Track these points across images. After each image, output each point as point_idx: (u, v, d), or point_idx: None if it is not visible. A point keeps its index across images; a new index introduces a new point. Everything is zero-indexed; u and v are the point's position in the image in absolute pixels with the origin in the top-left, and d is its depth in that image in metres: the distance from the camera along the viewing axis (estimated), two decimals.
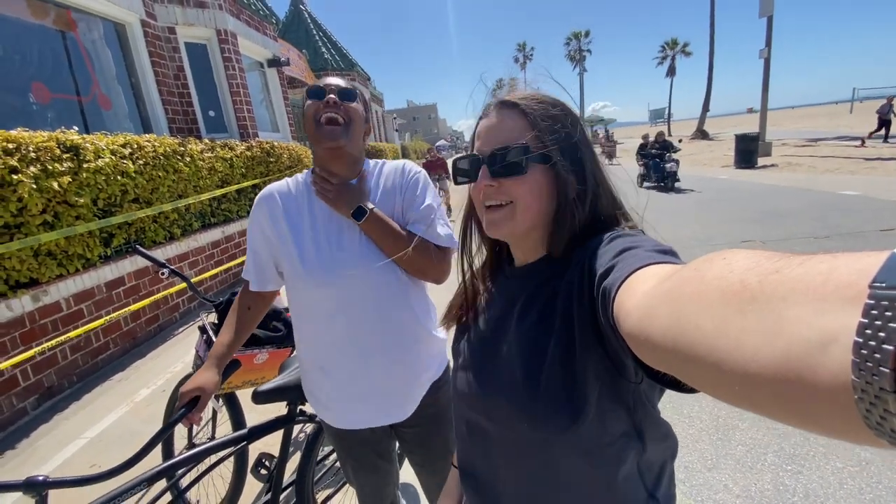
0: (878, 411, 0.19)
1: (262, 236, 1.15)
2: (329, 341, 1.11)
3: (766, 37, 14.11)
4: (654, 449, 0.63)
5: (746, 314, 0.26)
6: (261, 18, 8.06)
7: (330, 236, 1.10)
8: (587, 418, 0.56)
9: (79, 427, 2.90)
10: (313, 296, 1.09)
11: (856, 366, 0.20)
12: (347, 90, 1.10)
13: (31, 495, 0.92)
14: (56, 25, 4.78)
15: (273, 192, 1.15)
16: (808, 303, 0.23)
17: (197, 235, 5.23)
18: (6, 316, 3.02)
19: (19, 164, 3.06)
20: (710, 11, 28.31)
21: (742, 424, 2.21)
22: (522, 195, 0.63)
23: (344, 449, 1.27)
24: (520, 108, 0.64)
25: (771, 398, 0.25)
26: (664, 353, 0.35)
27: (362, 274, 1.06)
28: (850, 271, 0.22)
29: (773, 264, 0.27)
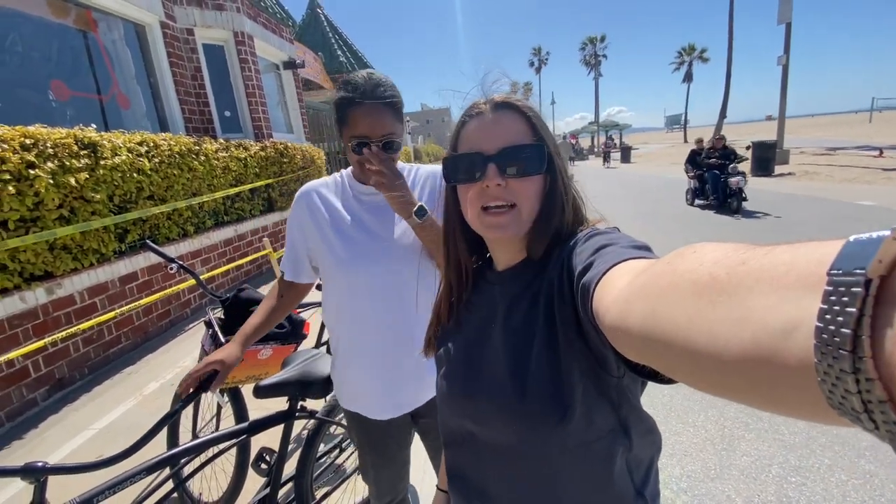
0: (839, 391, 0.20)
1: (300, 230, 1.20)
2: (353, 329, 1.17)
3: (785, 43, 13.92)
4: (640, 444, 0.63)
5: (716, 305, 0.28)
6: (278, 21, 8.17)
7: (366, 230, 1.15)
8: (575, 415, 0.56)
9: (87, 418, 2.96)
10: (347, 286, 1.14)
11: (817, 349, 0.21)
12: (392, 144, 1.08)
13: (30, 481, 0.93)
14: (77, 25, 4.90)
15: (312, 188, 1.21)
16: (772, 292, 0.24)
17: (210, 233, 5.30)
18: (20, 307, 3.09)
19: (37, 160, 3.14)
20: (728, 17, 28.01)
21: (748, 435, 2.18)
22: (528, 196, 0.64)
23: (367, 441, 1.29)
24: (519, 110, 0.65)
25: (743, 384, 0.26)
26: (642, 346, 0.35)
27: (392, 266, 1.12)
28: (810, 260, 0.23)
29: (740, 256, 0.28)
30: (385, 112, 1.06)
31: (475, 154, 0.65)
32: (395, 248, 1.13)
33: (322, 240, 1.16)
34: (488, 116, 0.65)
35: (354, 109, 1.05)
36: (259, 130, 7.10)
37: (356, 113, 1.05)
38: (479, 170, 0.64)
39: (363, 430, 1.27)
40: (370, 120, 1.05)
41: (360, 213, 1.18)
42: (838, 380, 0.20)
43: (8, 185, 2.91)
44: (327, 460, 1.86)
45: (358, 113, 1.05)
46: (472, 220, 0.68)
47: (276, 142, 7.04)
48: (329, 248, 1.15)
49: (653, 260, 0.43)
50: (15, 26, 4.22)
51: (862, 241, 0.21)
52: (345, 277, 1.14)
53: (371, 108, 1.05)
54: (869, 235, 0.21)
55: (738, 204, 7.92)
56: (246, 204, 6.14)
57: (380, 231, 1.15)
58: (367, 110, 1.05)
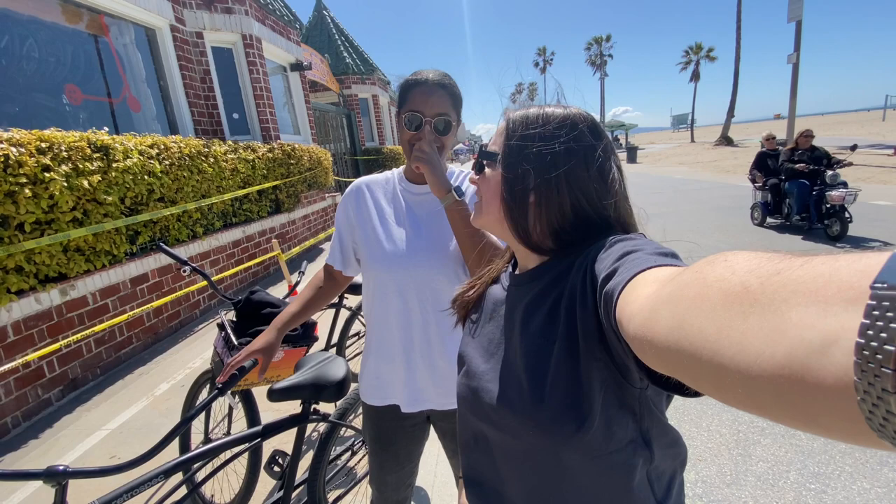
0: (880, 413, 0.19)
1: (347, 222, 1.25)
2: (387, 322, 1.19)
3: (795, 41, 13.78)
4: (662, 456, 0.62)
5: (748, 317, 0.27)
6: (285, 24, 8.22)
7: (411, 226, 1.18)
8: (593, 425, 0.55)
9: (100, 419, 2.99)
10: (385, 282, 1.17)
11: (858, 367, 0.20)
12: (446, 122, 1.12)
13: (52, 484, 0.95)
14: (89, 30, 4.96)
15: (364, 182, 1.26)
16: (809, 305, 0.23)
17: (219, 235, 5.34)
18: (35, 308, 3.13)
19: (52, 163, 3.17)
20: (736, 16, 27.78)
21: (764, 440, 2.15)
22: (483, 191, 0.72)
23: (379, 438, 1.29)
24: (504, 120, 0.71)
25: (774, 400, 0.25)
26: (667, 357, 0.35)
27: (435, 263, 1.14)
28: (852, 272, 0.22)
29: (775, 266, 0.27)
30: (443, 94, 1.11)
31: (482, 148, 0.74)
32: (433, 247, 1.15)
33: (365, 235, 1.20)
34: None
35: (414, 89, 1.11)
36: (267, 132, 7.15)
37: (415, 91, 1.10)
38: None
39: (377, 427, 1.28)
40: (427, 98, 1.09)
41: (407, 211, 1.20)
42: (880, 399, 0.19)
43: (24, 188, 2.95)
44: (340, 463, 1.86)
45: (416, 91, 1.10)
46: None
47: (283, 143, 7.08)
48: (371, 244, 1.18)
49: (681, 268, 0.42)
50: (31, 32, 4.28)
51: None
52: (384, 273, 1.16)
53: (430, 87, 1.10)
54: None
55: (841, 228, 5.58)
56: (254, 205, 6.18)
57: (421, 229, 1.18)
58: (425, 89, 1.10)
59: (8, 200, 2.89)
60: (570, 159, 0.65)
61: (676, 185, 12.38)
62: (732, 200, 8.86)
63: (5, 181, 2.85)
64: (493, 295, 0.78)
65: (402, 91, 1.13)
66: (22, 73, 4.17)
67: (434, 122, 1.10)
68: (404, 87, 1.13)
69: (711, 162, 18.00)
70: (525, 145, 0.65)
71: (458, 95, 1.15)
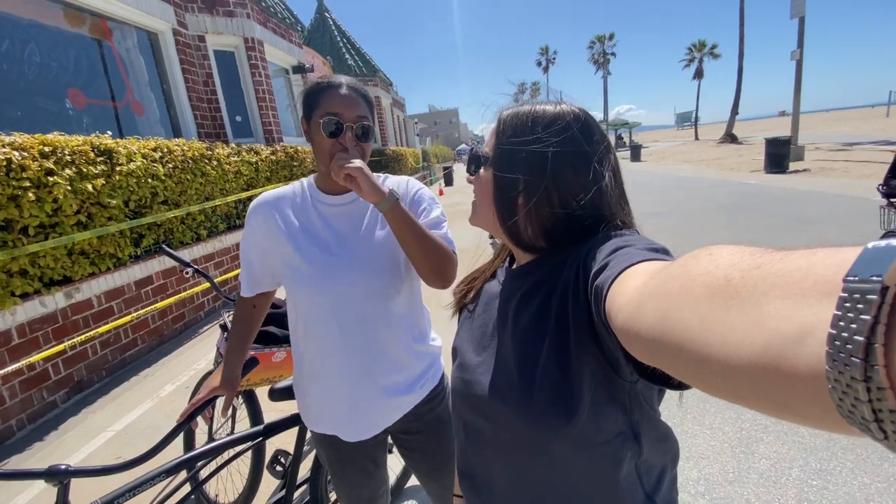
0: (849, 400, 0.20)
1: (257, 246, 1.13)
2: (321, 348, 1.10)
3: (798, 38, 13.70)
4: (651, 451, 0.63)
5: (730, 309, 0.27)
6: (287, 26, 8.25)
7: (334, 242, 1.08)
8: (581, 417, 0.56)
9: (105, 420, 3.01)
10: (311, 304, 1.08)
11: (829, 356, 0.21)
12: (367, 128, 1.05)
13: (53, 483, 0.96)
14: (92, 34, 5.00)
15: (268, 200, 1.13)
16: (787, 297, 0.24)
17: (222, 237, 5.37)
18: (40, 312, 3.16)
19: (55, 167, 3.20)
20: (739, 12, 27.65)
21: (767, 437, 2.14)
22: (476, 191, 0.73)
23: (338, 460, 1.21)
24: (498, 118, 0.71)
25: (752, 390, 0.26)
26: (652, 348, 0.35)
27: (361, 282, 1.06)
28: (827, 266, 0.23)
29: (756, 259, 0.28)
30: (359, 98, 1.04)
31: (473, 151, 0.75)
32: (362, 262, 1.06)
33: (282, 258, 1.09)
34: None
35: (328, 92, 1.02)
36: (269, 134, 7.18)
37: (330, 94, 1.01)
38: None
39: (333, 449, 1.19)
40: (344, 101, 1.01)
41: (323, 225, 1.10)
42: (849, 388, 0.20)
43: (28, 192, 2.98)
44: None
45: (332, 94, 1.01)
46: None
47: (286, 145, 7.11)
48: (290, 266, 1.07)
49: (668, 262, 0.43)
50: (33, 37, 4.32)
51: (880, 248, 0.21)
52: (308, 296, 1.06)
53: (348, 91, 1.02)
54: (888, 243, 0.21)
55: None
56: None
57: (345, 244, 1.08)
58: (343, 92, 1.02)
59: (11, 204, 2.92)
60: (559, 161, 0.64)
61: (681, 183, 12.34)
62: (739, 198, 8.80)
63: (8, 185, 2.88)
64: (489, 289, 0.79)
65: (312, 94, 1.03)
66: (23, 77, 4.21)
67: (355, 127, 1.02)
68: (314, 90, 1.03)
69: (716, 159, 17.92)
70: (513, 149, 0.65)
71: (372, 102, 1.08)
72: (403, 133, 23.70)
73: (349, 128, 1.01)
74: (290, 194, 1.14)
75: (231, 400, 1.22)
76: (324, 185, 1.13)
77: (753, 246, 0.31)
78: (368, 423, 1.14)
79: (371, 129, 1.06)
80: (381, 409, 1.13)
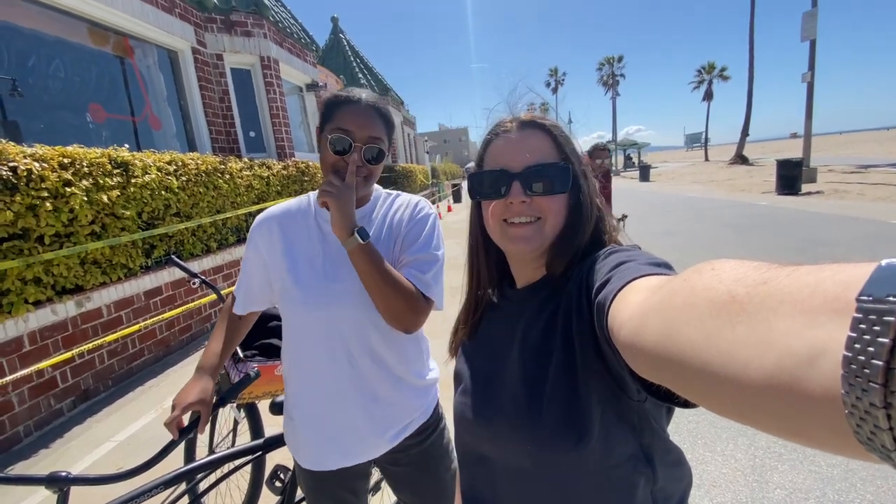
0: (868, 427, 0.19)
1: (259, 260, 1.10)
2: (307, 373, 1.06)
3: (809, 60, 13.74)
4: (666, 476, 0.60)
5: (736, 326, 0.27)
6: (302, 46, 8.48)
7: (335, 262, 1.04)
8: (592, 438, 0.55)
9: (110, 430, 3.01)
10: (300, 324, 1.04)
11: (845, 380, 0.20)
12: (378, 151, 1.00)
13: (53, 490, 0.95)
14: (115, 51, 5.18)
15: (273, 214, 1.11)
16: (796, 315, 0.23)
17: (232, 249, 5.43)
18: (51, 319, 3.19)
19: (73, 178, 3.28)
20: (749, 35, 27.85)
21: (781, 466, 2.06)
22: (553, 211, 0.65)
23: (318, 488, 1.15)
24: (546, 129, 0.66)
25: (762, 410, 0.25)
26: (656, 365, 0.35)
27: (352, 311, 1.01)
28: (836, 283, 0.22)
29: (762, 275, 0.27)
30: (376, 118, 0.99)
31: (500, 171, 0.65)
32: (354, 290, 1.00)
33: (279, 275, 1.05)
34: (514, 134, 0.67)
35: (344, 107, 0.97)
36: (282, 150, 7.31)
37: (345, 110, 0.97)
38: (504, 185, 0.65)
39: (311, 476, 1.13)
40: (359, 119, 0.96)
41: (322, 242, 1.05)
42: (867, 414, 0.19)
43: (45, 202, 3.05)
44: None
45: (347, 110, 0.97)
46: (494, 232, 0.69)
47: (297, 161, 7.23)
48: (283, 285, 1.04)
49: (670, 276, 0.43)
50: (59, 53, 4.49)
51: (895, 266, 0.20)
52: (298, 319, 1.03)
53: (363, 108, 0.97)
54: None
55: None
56: None
57: (340, 268, 1.02)
58: (357, 109, 0.97)
59: (29, 213, 2.99)
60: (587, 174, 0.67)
61: (691, 203, 12.26)
62: (750, 219, 8.70)
63: (27, 195, 2.95)
64: (488, 314, 0.77)
65: (329, 107, 0.99)
66: (47, 91, 4.36)
67: (364, 148, 0.97)
68: (331, 102, 0.98)
69: (727, 180, 17.82)
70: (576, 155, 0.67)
71: (391, 122, 1.03)
72: (413, 150, 23.99)
73: (357, 148, 0.97)
74: (296, 208, 1.11)
75: (208, 416, 1.14)
76: None
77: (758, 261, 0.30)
78: (350, 454, 1.09)
79: (382, 152, 1.01)
80: (365, 442, 1.08)
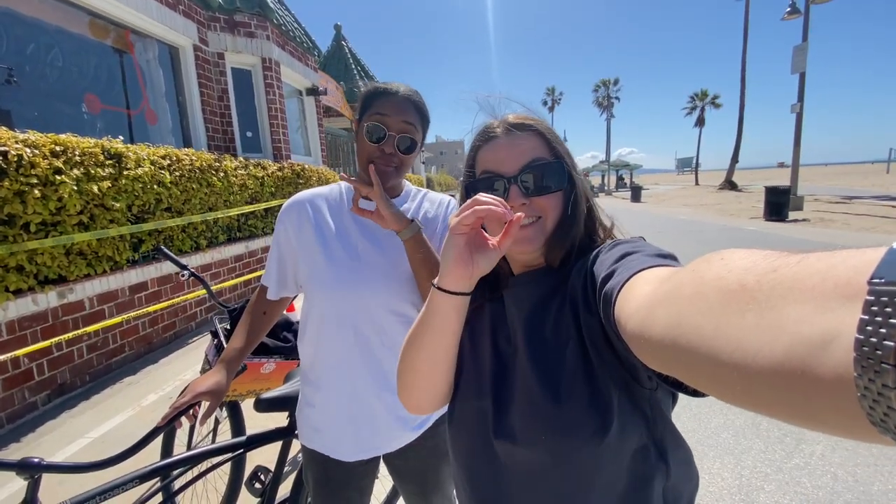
0: (881, 408, 0.19)
1: (288, 243, 1.11)
2: (334, 355, 1.06)
3: (799, 92, 14.12)
4: (678, 474, 0.60)
5: (745, 314, 0.27)
6: (304, 50, 8.52)
7: (360, 248, 1.06)
8: (613, 423, 0.54)
9: (85, 426, 2.91)
10: (328, 304, 1.05)
11: (857, 362, 0.20)
12: (411, 141, 1.03)
13: (24, 477, 0.91)
14: (115, 44, 5.16)
15: (304, 198, 1.12)
16: (807, 301, 0.23)
17: (222, 248, 5.36)
18: (31, 309, 3.11)
19: (64, 167, 3.23)
20: (741, 65, 28.63)
21: (767, 486, 2.06)
22: (553, 209, 0.64)
23: (325, 483, 1.15)
24: (534, 129, 0.66)
25: (773, 397, 0.25)
26: (665, 355, 0.34)
27: (384, 292, 1.03)
28: (848, 268, 0.22)
29: (771, 263, 0.27)
30: (412, 110, 1.02)
31: (495, 176, 0.65)
32: (387, 271, 1.03)
33: (307, 256, 1.07)
34: (503, 138, 0.66)
35: (382, 97, 1.01)
36: (278, 152, 7.29)
37: (382, 100, 1.01)
38: (500, 191, 0.64)
39: (322, 470, 1.14)
40: (396, 109, 1.00)
41: (356, 229, 1.08)
42: (881, 395, 0.19)
43: (34, 189, 2.99)
44: None
45: (385, 101, 1.00)
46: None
47: (293, 163, 7.21)
48: (314, 267, 1.05)
49: (678, 267, 0.43)
50: (58, 42, 4.45)
51: None
52: (327, 299, 1.04)
53: (400, 100, 1.01)
54: None
55: None
56: (259, 221, 6.23)
57: (373, 252, 1.05)
58: (394, 101, 1.00)
59: (17, 199, 2.92)
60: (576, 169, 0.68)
61: (680, 225, 12.43)
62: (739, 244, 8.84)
63: (16, 180, 2.89)
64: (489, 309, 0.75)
65: (367, 98, 1.03)
66: (44, 79, 4.31)
67: (398, 137, 1.01)
68: (370, 94, 1.02)
69: (715, 205, 18.13)
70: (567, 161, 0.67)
71: (426, 116, 1.07)
72: None
73: (392, 137, 1.00)
74: (327, 193, 1.13)
75: (214, 408, 1.15)
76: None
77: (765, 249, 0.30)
78: (368, 445, 1.09)
79: (415, 142, 1.04)
80: (383, 433, 1.09)
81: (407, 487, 1.23)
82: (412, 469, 1.18)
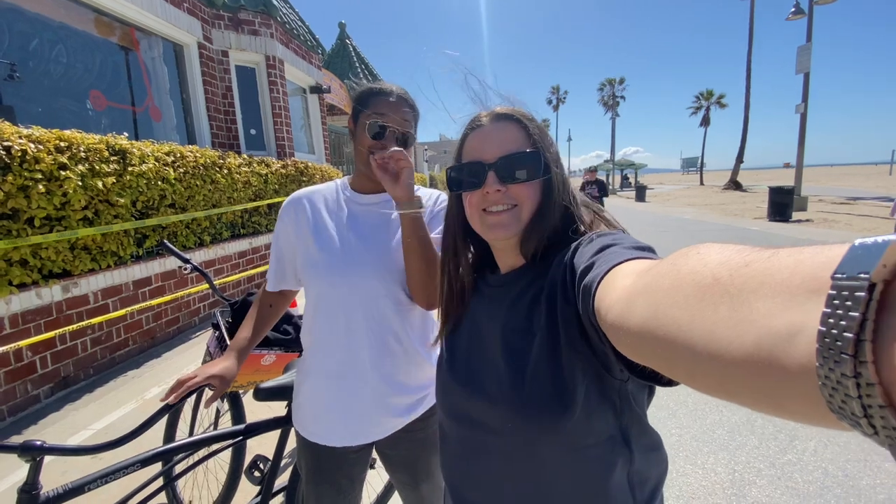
0: (839, 396, 0.20)
1: (287, 240, 1.17)
2: (324, 342, 1.11)
3: (803, 92, 14.05)
4: (644, 460, 0.62)
5: (718, 307, 0.28)
6: (308, 49, 8.55)
7: (357, 237, 1.11)
8: (575, 411, 0.56)
9: (87, 418, 2.95)
10: (322, 292, 1.09)
11: (819, 353, 0.21)
12: (408, 136, 1.09)
13: (26, 459, 0.94)
14: (120, 42, 5.20)
15: (302, 194, 1.18)
16: (776, 295, 0.24)
17: (225, 244, 5.40)
18: (35, 303, 3.15)
19: (69, 162, 3.27)
20: (746, 65, 28.47)
21: (760, 481, 2.08)
22: (529, 198, 0.67)
23: (317, 470, 1.18)
24: (516, 120, 0.69)
25: (743, 387, 0.26)
26: (643, 346, 0.36)
27: (375, 280, 1.07)
28: (815, 264, 0.24)
29: (744, 258, 0.29)
30: (407, 109, 1.08)
31: (476, 163, 0.68)
32: (378, 260, 1.08)
33: (305, 247, 1.12)
34: (487, 127, 0.69)
35: (379, 97, 1.07)
36: (282, 149, 7.32)
37: (379, 99, 1.07)
38: (480, 177, 0.67)
39: (314, 456, 1.17)
40: (392, 107, 1.06)
41: (350, 221, 1.13)
42: (839, 384, 0.20)
43: (38, 184, 3.03)
44: None
45: (381, 100, 1.06)
46: (474, 222, 0.71)
47: (297, 161, 7.24)
48: (311, 256, 1.10)
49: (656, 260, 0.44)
50: (62, 39, 4.49)
51: (867, 245, 0.21)
52: (321, 287, 1.09)
53: (396, 99, 1.07)
54: (874, 240, 0.21)
55: None
56: (263, 218, 6.27)
57: (366, 242, 1.10)
58: (391, 100, 1.07)
59: (21, 194, 2.96)
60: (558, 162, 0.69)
61: (684, 225, 12.40)
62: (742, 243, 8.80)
63: (20, 175, 2.93)
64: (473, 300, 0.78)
65: (363, 97, 1.08)
66: (48, 76, 4.35)
67: (398, 132, 1.07)
68: (366, 94, 1.08)
69: (720, 205, 18.06)
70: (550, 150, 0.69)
71: (418, 114, 1.13)
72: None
73: (392, 132, 1.06)
74: (325, 190, 1.19)
75: (220, 393, 1.19)
76: (358, 185, 1.17)
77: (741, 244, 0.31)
78: (356, 430, 1.12)
79: (412, 136, 1.11)
80: (370, 419, 1.12)
81: (398, 477, 1.26)
82: (403, 459, 1.21)
